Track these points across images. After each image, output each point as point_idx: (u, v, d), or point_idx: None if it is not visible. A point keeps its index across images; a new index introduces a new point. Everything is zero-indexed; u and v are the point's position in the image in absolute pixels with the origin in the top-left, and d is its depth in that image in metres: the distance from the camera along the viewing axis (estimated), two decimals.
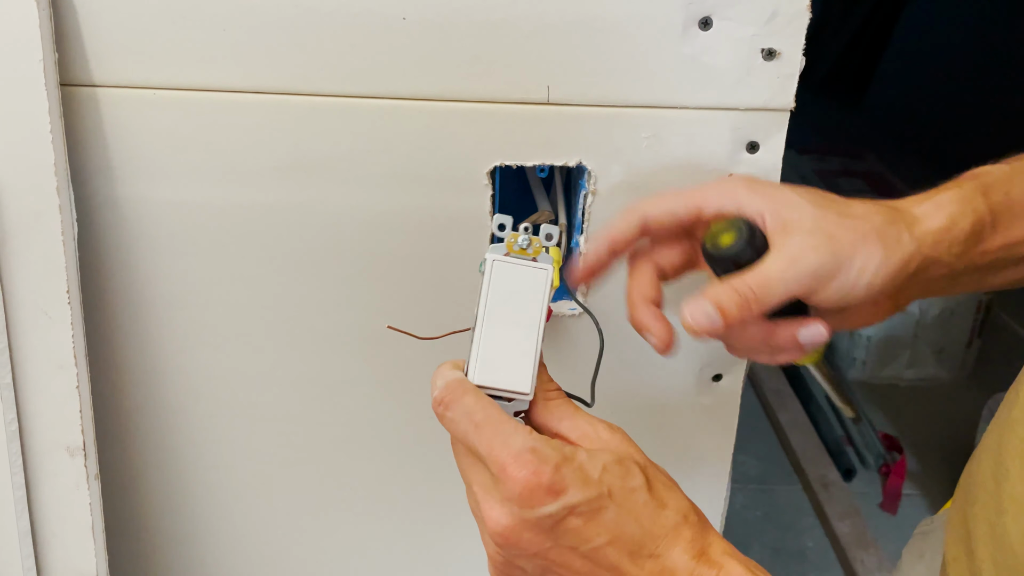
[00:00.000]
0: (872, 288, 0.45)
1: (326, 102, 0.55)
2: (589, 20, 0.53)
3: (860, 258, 0.44)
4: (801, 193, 0.46)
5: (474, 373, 0.41)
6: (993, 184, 0.47)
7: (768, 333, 0.47)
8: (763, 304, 0.44)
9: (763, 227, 0.46)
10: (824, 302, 0.45)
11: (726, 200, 0.46)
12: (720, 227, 0.46)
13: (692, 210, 0.47)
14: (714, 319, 0.44)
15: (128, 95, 0.54)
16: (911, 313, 1.87)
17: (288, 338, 0.62)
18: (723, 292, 0.44)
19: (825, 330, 0.47)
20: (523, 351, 0.42)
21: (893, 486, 1.64)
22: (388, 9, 0.52)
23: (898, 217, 0.46)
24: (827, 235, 0.44)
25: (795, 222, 0.45)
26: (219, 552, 0.70)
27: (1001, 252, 0.47)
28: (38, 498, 0.58)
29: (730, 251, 0.45)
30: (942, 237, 0.45)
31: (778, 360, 0.49)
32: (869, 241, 0.44)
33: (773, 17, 0.53)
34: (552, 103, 0.55)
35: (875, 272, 0.44)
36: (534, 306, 0.43)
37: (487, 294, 0.43)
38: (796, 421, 1.83)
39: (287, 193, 0.57)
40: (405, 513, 0.70)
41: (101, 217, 0.57)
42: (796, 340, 0.47)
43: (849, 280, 0.44)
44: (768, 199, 0.46)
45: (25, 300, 0.55)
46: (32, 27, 0.50)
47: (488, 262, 0.43)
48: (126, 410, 0.63)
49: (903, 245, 0.45)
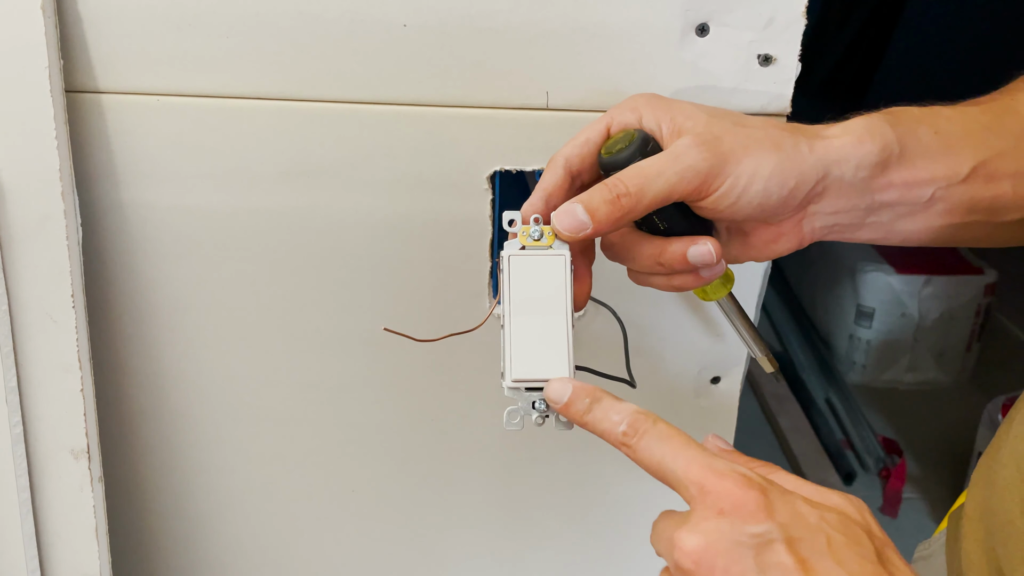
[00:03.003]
0: (767, 197, 0.43)
1: (328, 108, 0.55)
2: (588, 27, 0.54)
3: (750, 162, 0.43)
4: (701, 107, 0.46)
5: (511, 369, 0.42)
6: (904, 120, 0.46)
7: (660, 250, 0.45)
8: (637, 200, 0.42)
9: (660, 140, 0.45)
10: (716, 209, 0.44)
11: (629, 115, 0.46)
12: (616, 138, 0.46)
13: (602, 133, 0.46)
14: (582, 220, 0.42)
15: (132, 101, 0.55)
16: (910, 317, 1.87)
17: (291, 342, 0.62)
18: (595, 191, 0.43)
19: (715, 249, 0.44)
20: (556, 338, 0.42)
21: (893, 490, 1.64)
22: (389, 16, 0.53)
23: (798, 131, 0.45)
24: (714, 136, 0.43)
25: (687, 128, 0.44)
26: (222, 554, 0.70)
27: (904, 191, 0.46)
28: (42, 500, 0.59)
29: (620, 156, 0.44)
30: (848, 154, 0.44)
31: (675, 285, 0.47)
32: (763, 147, 0.43)
33: (769, 23, 0.54)
34: (552, 108, 0.56)
35: (768, 178, 0.43)
36: (558, 293, 0.43)
37: (508, 290, 0.43)
38: (796, 425, 1.83)
39: (290, 198, 0.58)
40: (407, 516, 0.70)
41: (106, 222, 0.58)
42: (686, 259, 0.45)
43: (739, 184, 0.43)
44: (667, 111, 0.45)
45: (30, 304, 0.55)
46: (37, 34, 0.51)
47: (504, 258, 0.43)
48: (130, 413, 0.64)
49: (801, 155, 0.44)
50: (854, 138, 0.44)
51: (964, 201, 0.46)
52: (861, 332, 1.91)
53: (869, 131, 0.45)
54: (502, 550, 0.72)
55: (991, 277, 1.86)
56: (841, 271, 1.93)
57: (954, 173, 0.45)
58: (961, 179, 0.46)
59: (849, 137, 0.45)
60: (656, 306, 0.63)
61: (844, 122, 0.46)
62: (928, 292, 1.85)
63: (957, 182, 0.46)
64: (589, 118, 0.56)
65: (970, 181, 0.46)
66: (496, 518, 0.71)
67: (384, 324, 0.61)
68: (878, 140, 0.44)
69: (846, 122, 0.46)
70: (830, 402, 1.90)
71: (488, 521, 0.70)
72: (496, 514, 0.71)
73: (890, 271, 1.85)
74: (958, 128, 0.46)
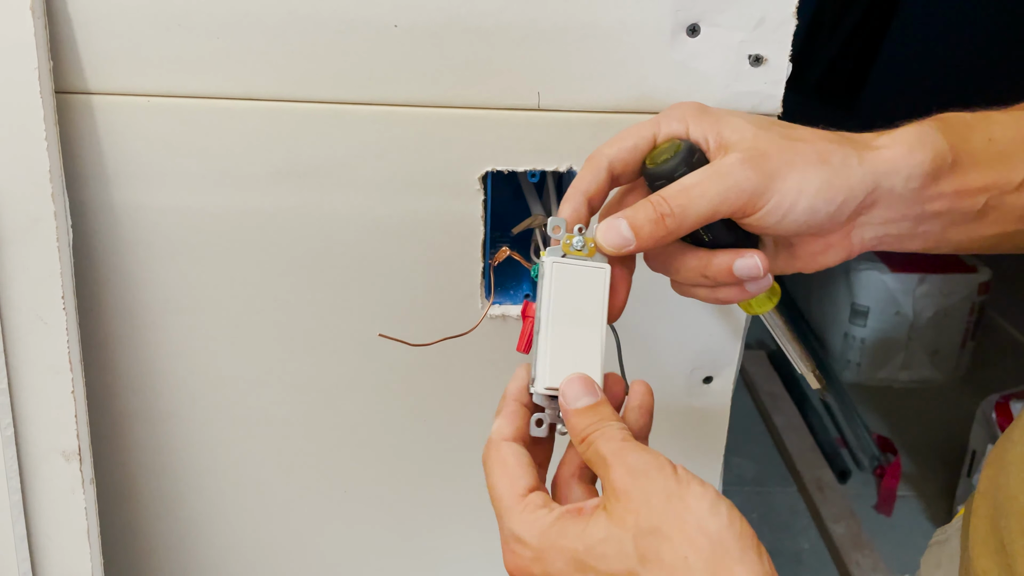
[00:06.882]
0: (814, 214, 0.43)
1: (319, 108, 0.55)
2: (579, 27, 0.54)
3: (796, 179, 0.42)
4: (748, 118, 0.45)
5: (544, 376, 0.42)
6: (956, 127, 0.45)
7: (705, 263, 0.45)
8: (681, 220, 0.42)
9: (707, 151, 0.44)
10: (762, 226, 0.43)
11: (676, 125, 0.45)
12: (661, 147, 0.45)
13: (648, 139, 0.45)
14: (626, 236, 0.42)
15: (123, 102, 0.54)
16: (905, 315, 1.87)
17: (282, 343, 0.62)
18: (639, 207, 0.42)
19: (762, 262, 0.44)
20: (589, 350, 0.42)
21: (888, 488, 1.65)
22: (380, 17, 0.53)
23: (848, 142, 0.44)
24: (760, 152, 0.42)
25: (734, 143, 0.43)
26: (213, 556, 0.70)
27: (955, 200, 0.45)
28: (33, 502, 0.58)
29: (665, 167, 0.44)
30: (899, 165, 0.43)
31: (720, 297, 0.46)
32: (809, 162, 0.42)
33: (760, 23, 0.54)
34: (543, 109, 0.56)
35: (815, 195, 0.42)
36: (595, 305, 0.43)
37: (549, 296, 0.43)
38: (791, 423, 1.84)
39: (281, 199, 0.58)
40: (399, 517, 0.70)
41: (96, 223, 0.57)
42: (732, 272, 0.44)
43: (785, 202, 0.42)
44: (713, 123, 0.44)
45: (21, 305, 0.55)
46: (27, 35, 0.50)
47: (547, 264, 0.43)
48: (121, 415, 0.64)
49: (850, 169, 0.43)
50: (905, 148, 0.43)
51: (1017, 209, 0.45)
52: (856, 330, 1.91)
53: (920, 140, 0.44)
54: (495, 551, 0.72)
55: (985, 275, 1.86)
56: (835, 269, 1.92)
57: (1007, 181, 0.44)
58: (1015, 187, 0.45)
59: (900, 148, 0.43)
60: (648, 306, 0.63)
61: (894, 131, 0.45)
62: (922, 290, 1.85)
63: (1010, 190, 0.45)
64: (580, 118, 0.56)
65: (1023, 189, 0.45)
66: (489, 518, 0.71)
67: (375, 324, 0.61)
68: (929, 150, 0.43)
69: (896, 131, 0.45)
70: (824, 400, 1.91)
71: (481, 522, 0.70)
72: (489, 514, 0.71)
73: (884, 269, 1.85)
74: (1012, 134, 0.45)
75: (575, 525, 0.37)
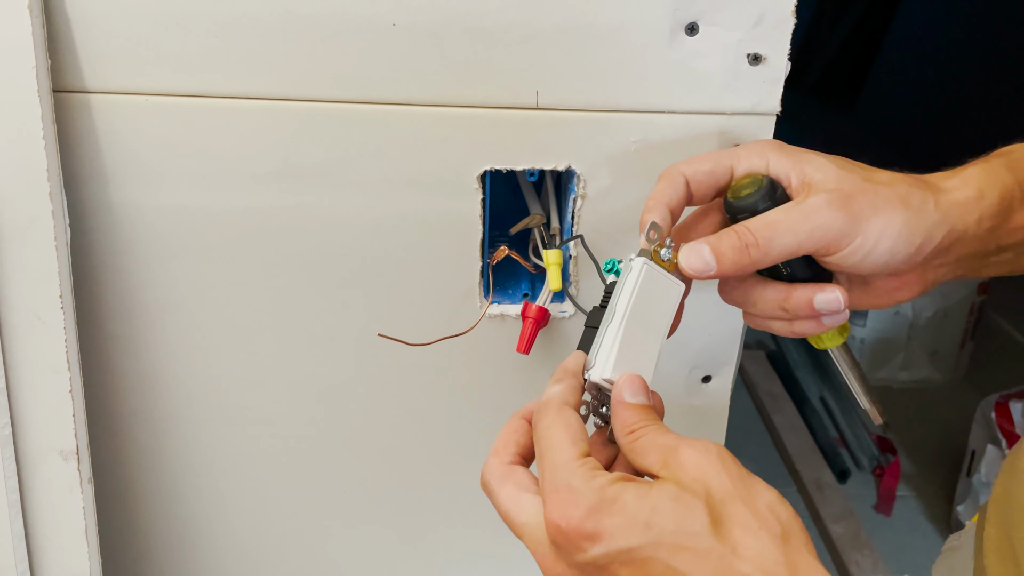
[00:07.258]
0: (894, 255, 0.44)
1: (317, 107, 0.55)
2: (578, 26, 0.54)
3: (880, 221, 0.43)
4: (829, 157, 0.46)
5: (605, 366, 0.42)
6: (1021, 160, 0.46)
7: (784, 296, 0.46)
8: (765, 252, 0.43)
9: (788, 188, 0.45)
10: (842, 265, 0.44)
11: (756, 160, 0.47)
12: (744, 181, 0.46)
13: (726, 169, 0.47)
14: (708, 262, 0.43)
15: (121, 101, 0.54)
16: (904, 315, 1.88)
17: (281, 342, 0.62)
18: (723, 235, 0.44)
19: (843, 297, 0.45)
20: (647, 356, 0.44)
21: (887, 488, 1.65)
22: (379, 16, 0.53)
23: (924, 186, 0.45)
24: (846, 195, 0.43)
25: (818, 182, 0.44)
26: (212, 555, 0.70)
27: None
28: (31, 502, 0.58)
29: (748, 200, 0.45)
30: (970, 209, 0.44)
31: (796, 331, 0.47)
32: (891, 206, 0.43)
33: (759, 22, 0.54)
34: (541, 108, 0.56)
35: (896, 237, 0.43)
36: (664, 317, 0.45)
37: (632, 294, 0.44)
38: (790, 423, 1.84)
39: (279, 198, 0.57)
40: (399, 516, 0.70)
41: (94, 222, 0.57)
42: (812, 306, 0.45)
43: (868, 243, 0.43)
44: (795, 160, 0.46)
45: (19, 305, 0.55)
46: (25, 34, 0.50)
47: (638, 264, 0.44)
48: (119, 414, 0.64)
49: (928, 214, 0.44)
50: (974, 192, 0.45)
51: None
52: (855, 330, 1.91)
53: (989, 182, 0.45)
54: (493, 550, 0.72)
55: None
56: None
57: None
58: None
59: (969, 191, 0.45)
60: None
61: (962, 172, 0.46)
62: None
63: None
64: (578, 117, 0.56)
65: None
66: (487, 518, 0.71)
67: (374, 324, 0.61)
68: (997, 189, 0.45)
69: (964, 172, 0.46)
70: (824, 400, 1.91)
71: (479, 521, 0.70)
72: (487, 514, 0.71)
73: None
74: None
75: (638, 487, 0.36)
